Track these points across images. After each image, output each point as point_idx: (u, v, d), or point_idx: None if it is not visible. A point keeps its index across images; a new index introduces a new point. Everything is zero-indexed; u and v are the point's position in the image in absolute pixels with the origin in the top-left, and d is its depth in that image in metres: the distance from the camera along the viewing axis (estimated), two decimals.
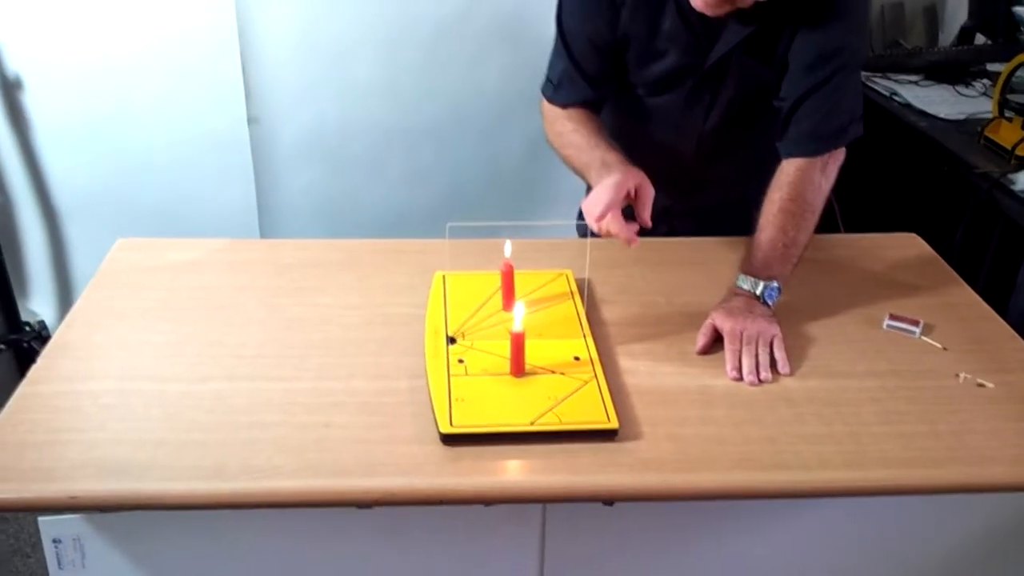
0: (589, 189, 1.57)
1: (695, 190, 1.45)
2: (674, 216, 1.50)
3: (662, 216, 1.50)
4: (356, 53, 2.02)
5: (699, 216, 1.49)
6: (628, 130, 1.41)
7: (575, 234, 1.56)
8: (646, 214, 1.13)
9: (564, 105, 1.34)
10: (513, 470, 0.97)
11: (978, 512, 1.10)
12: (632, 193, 1.14)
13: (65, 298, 2.15)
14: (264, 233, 2.14)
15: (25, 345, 1.99)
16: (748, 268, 1.21)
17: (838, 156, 1.24)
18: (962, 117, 2.12)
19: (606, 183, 1.12)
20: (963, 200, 1.90)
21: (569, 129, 1.30)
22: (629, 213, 1.15)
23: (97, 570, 1.05)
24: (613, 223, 1.10)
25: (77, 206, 2.05)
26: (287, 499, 0.93)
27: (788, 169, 1.23)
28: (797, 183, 1.22)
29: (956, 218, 1.91)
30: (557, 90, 1.34)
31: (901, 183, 2.21)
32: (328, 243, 1.41)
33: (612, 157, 1.21)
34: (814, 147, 1.22)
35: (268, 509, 0.95)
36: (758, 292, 1.19)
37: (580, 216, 1.64)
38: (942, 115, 2.14)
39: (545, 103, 1.37)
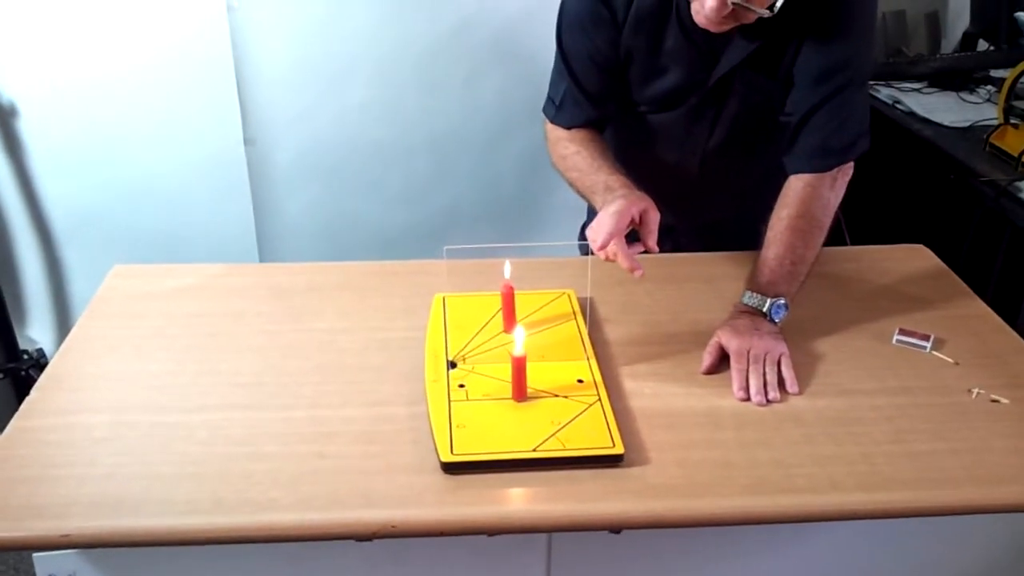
0: (593, 211, 1.56)
1: (700, 207, 1.43)
2: (679, 233, 1.48)
3: (666, 233, 1.48)
4: (352, 72, 2.00)
5: (704, 233, 1.47)
6: (631, 148, 1.39)
7: (576, 251, 1.54)
8: (651, 241, 1.12)
9: (567, 126, 1.32)
10: (516, 499, 0.95)
11: (998, 532, 1.07)
12: (637, 219, 1.12)
13: (63, 324, 2.14)
14: (263, 254, 2.12)
15: (23, 373, 1.98)
16: (754, 285, 1.19)
17: (847, 171, 1.22)
18: (967, 124, 2.10)
19: (610, 210, 1.10)
20: (970, 209, 1.88)
21: (572, 151, 1.29)
22: (636, 236, 1.13)
23: None
24: (617, 251, 1.08)
25: (74, 231, 2.04)
26: (285, 533, 0.91)
27: (796, 185, 1.21)
28: (805, 199, 1.19)
29: (963, 227, 1.89)
30: (560, 111, 1.32)
31: (906, 192, 2.19)
32: (325, 266, 1.39)
33: (616, 181, 1.19)
34: (822, 162, 1.20)
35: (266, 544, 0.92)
36: (764, 309, 1.17)
37: (582, 235, 1.62)
38: (946, 123, 2.12)
39: (548, 124, 1.35)
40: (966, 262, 1.85)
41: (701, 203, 1.42)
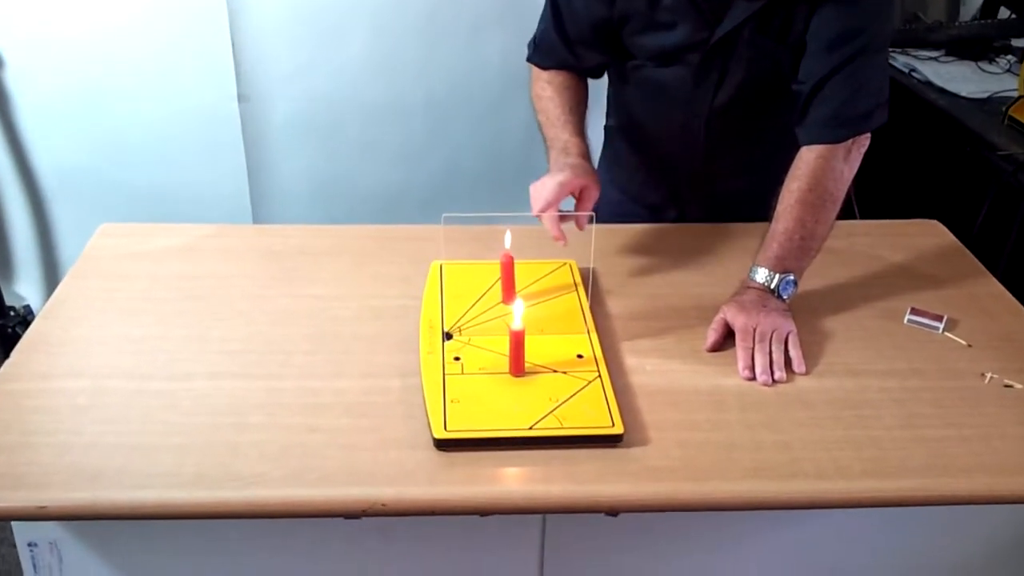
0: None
1: (706, 175, 1.38)
2: (683, 201, 1.43)
3: (670, 200, 1.44)
4: (350, 28, 1.94)
5: (709, 202, 1.42)
6: (636, 105, 1.36)
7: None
8: (582, 220, 1.15)
9: (542, 67, 1.30)
10: (511, 478, 0.91)
11: (1007, 522, 1.05)
12: (576, 193, 1.14)
13: (52, 281, 2.10)
14: (256, 214, 2.07)
15: (10, 330, 1.95)
16: (762, 260, 1.15)
17: (861, 143, 1.17)
18: (985, 95, 2.04)
19: (556, 179, 1.12)
20: (985, 183, 1.83)
21: (547, 96, 1.28)
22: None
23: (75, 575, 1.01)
24: (547, 219, 1.11)
25: (62, 187, 2.00)
26: (270, 510, 0.88)
27: (807, 157, 1.16)
28: (817, 172, 1.14)
29: (977, 202, 1.84)
30: (536, 50, 1.32)
31: (920, 165, 2.13)
32: (319, 229, 1.35)
33: (575, 145, 1.19)
34: (836, 133, 1.15)
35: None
36: (773, 285, 1.13)
37: None
38: (964, 93, 2.05)
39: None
40: (978, 238, 1.80)
41: (707, 170, 1.37)
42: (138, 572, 1.01)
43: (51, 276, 2.10)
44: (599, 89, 1.46)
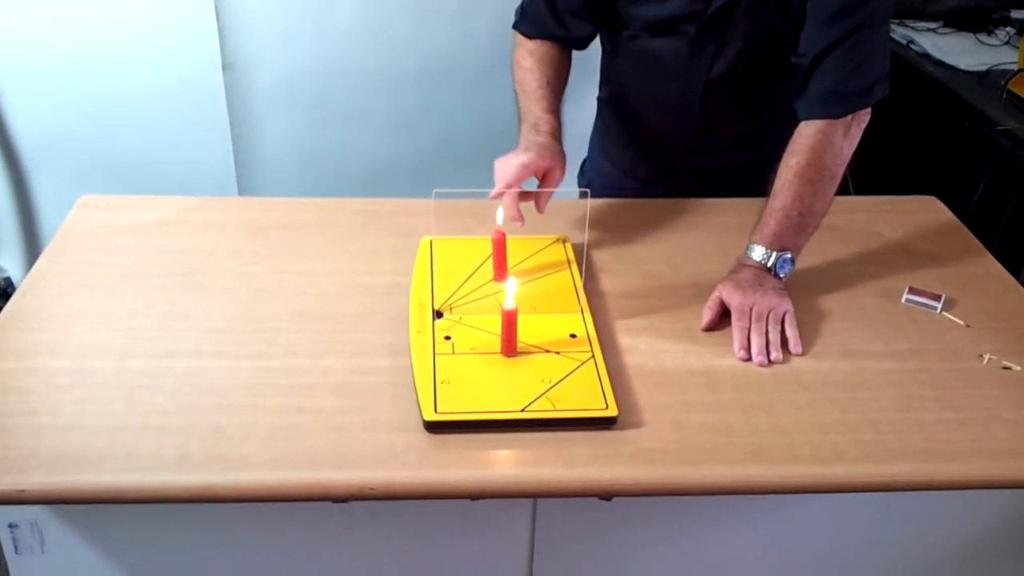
0: (593, 149, 1.48)
1: (701, 147, 1.35)
2: (678, 175, 1.40)
3: (663, 175, 1.41)
4: None
5: (704, 176, 1.40)
6: (629, 76, 1.33)
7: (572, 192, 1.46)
8: (542, 202, 1.13)
9: (527, 35, 1.27)
10: (502, 461, 0.90)
11: (1005, 507, 1.04)
12: (539, 175, 1.12)
13: (33, 253, 2.06)
14: (242, 186, 2.03)
15: None
16: (759, 237, 1.12)
17: (862, 118, 1.14)
18: (984, 68, 2.01)
19: (521, 159, 1.10)
20: (982, 159, 1.81)
21: (527, 67, 1.25)
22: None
23: (57, 557, 0.99)
24: (507, 199, 1.10)
25: (42, 157, 1.94)
26: (255, 493, 0.86)
27: (807, 131, 1.13)
28: (816, 147, 1.12)
29: (974, 178, 1.82)
30: (523, 18, 1.29)
31: (916, 139, 2.11)
32: (306, 202, 1.32)
33: (546, 122, 1.17)
34: (836, 108, 1.12)
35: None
36: (769, 264, 1.10)
37: (581, 170, 1.54)
38: (962, 66, 2.02)
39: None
40: (974, 214, 1.79)
41: (703, 143, 1.34)
42: (122, 552, 1.00)
43: (32, 248, 2.06)
44: (592, 59, 1.43)
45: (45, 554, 0.99)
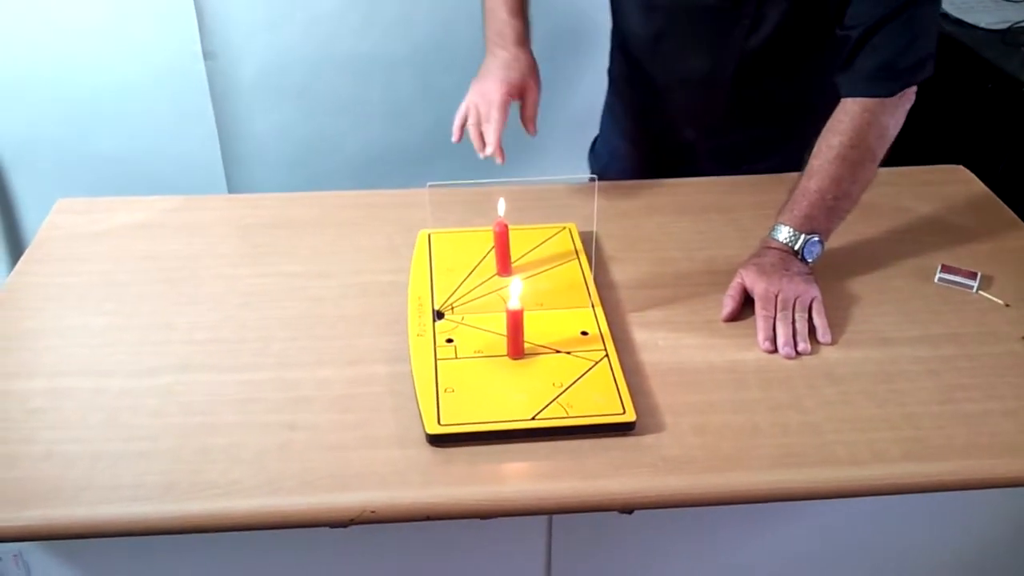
0: (604, 126, 1.37)
1: (728, 123, 1.26)
2: (699, 155, 1.32)
3: (684, 153, 1.32)
4: None
5: (728, 155, 1.31)
6: (651, 48, 1.22)
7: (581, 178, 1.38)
8: (531, 125, 1.11)
9: None
10: (513, 476, 0.83)
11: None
12: (515, 97, 1.10)
13: (15, 255, 1.99)
14: (230, 181, 1.95)
15: None
16: (788, 218, 1.04)
17: (910, 96, 1.05)
18: (1005, 26, 1.92)
19: (498, 90, 1.08)
20: (1009, 122, 1.72)
21: None
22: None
23: None
24: (491, 136, 1.08)
25: (20, 158, 1.87)
26: (247, 521, 0.79)
27: (853, 109, 1.03)
28: (862, 127, 1.02)
29: (1000, 143, 1.73)
30: None
31: (937, 102, 2.01)
32: (295, 197, 1.25)
33: (511, 29, 1.13)
34: (886, 85, 1.03)
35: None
36: (797, 246, 1.03)
37: (592, 149, 1.46)
38: (983, 24, 1.93)
39: None
40: (1001, 181, 1.70)
41: (730, 118, 1.25)
42: None
43: (14, 250, 1.99)
44: (599, 29, 1.35)
45: None
